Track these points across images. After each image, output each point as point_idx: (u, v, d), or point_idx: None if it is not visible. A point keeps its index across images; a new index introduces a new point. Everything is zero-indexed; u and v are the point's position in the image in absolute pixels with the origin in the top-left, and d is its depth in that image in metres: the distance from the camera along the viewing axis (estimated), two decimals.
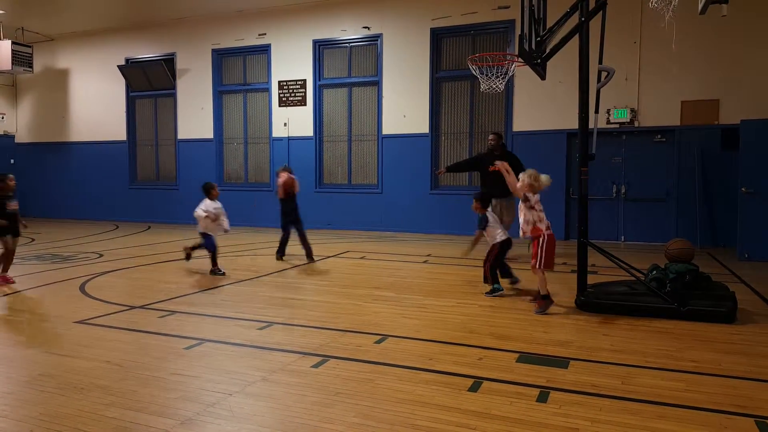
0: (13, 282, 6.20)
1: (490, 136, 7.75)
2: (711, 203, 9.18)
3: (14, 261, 7.73)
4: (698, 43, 9.02)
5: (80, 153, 14.40)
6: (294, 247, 7.73)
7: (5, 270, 6.25)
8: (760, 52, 8.80)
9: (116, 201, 13.87)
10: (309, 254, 7.63)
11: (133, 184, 13.87)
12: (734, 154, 8.33)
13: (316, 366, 3.58)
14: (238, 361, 3.68)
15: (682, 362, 3.66)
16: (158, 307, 5.14)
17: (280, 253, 7.79)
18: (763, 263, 7.48)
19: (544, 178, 5.09)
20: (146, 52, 13.41)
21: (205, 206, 6.93)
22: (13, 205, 6.22)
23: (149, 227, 12.32)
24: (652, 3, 5.71)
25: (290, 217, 7.65)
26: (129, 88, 13.61)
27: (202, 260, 7.75)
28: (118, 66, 13.42)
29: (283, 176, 7.67)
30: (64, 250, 8.84)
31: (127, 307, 5.14)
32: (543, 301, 4.92)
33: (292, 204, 7.63)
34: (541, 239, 4.89)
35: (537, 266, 4.89)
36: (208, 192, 7.05)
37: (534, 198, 5.01)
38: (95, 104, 14.13)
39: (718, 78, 9.04)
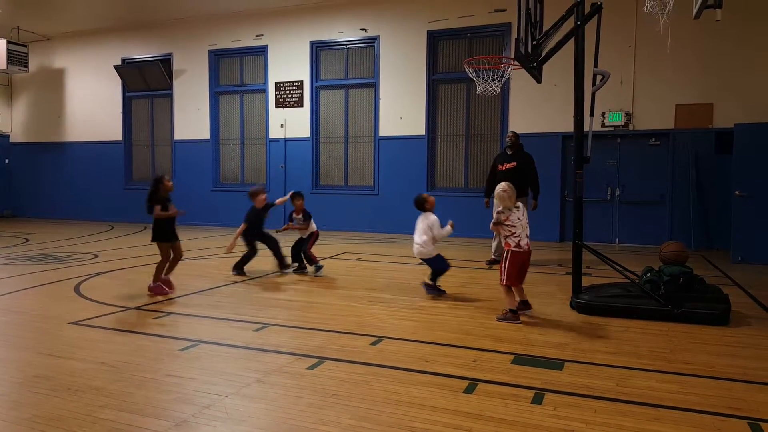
0: (173, 291, 5.71)
1: (509, 133, 7.71)
2: (705, 206, 9.24)
3: (7, 262, 7.73)
4: (693, 47, 9.08)
5: (76, 153, 14.35)
6: (289, 248, 7.70)
7: (158, 278, 5.68)
8: (754, 57, 8.86)
9: (112, 201, 13.83)
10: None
11: (129, 185, 13.83)
12: (728, 158, 8.39)
13: (311, 368, 3.58)
14: (234, 363, 3.68)
15: (676, 364, 3.68)
16: (153, 309, 5.13)
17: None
18: (756, 266, 7.53)
19: (498, 191, 4.86)
20: (143, 52, 13.38)
21: (432, 225, 5.56)
22: (172, 206, 5.78)
23: (145, 228, 12.28)
24: (647, 7, 5.76)
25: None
26: (125, 88, 13.59)
27: (202, 261, 7.73)
28: (114, 66, 13.40)
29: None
30: (59, 251, 8.80)
31: (122, 308, 5.13)
32: (508, 313, 4.75)
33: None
34: (504, 254, 4.81)
35: (501, 281, 4.79)
36: (422, 205, 5.68)
37: (505, 216, 4.78)
38: (91, 104, 14.10)
39: (712, 82, 9.10)
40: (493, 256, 7.64)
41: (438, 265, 5.68)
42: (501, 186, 4.85)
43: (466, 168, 10.90)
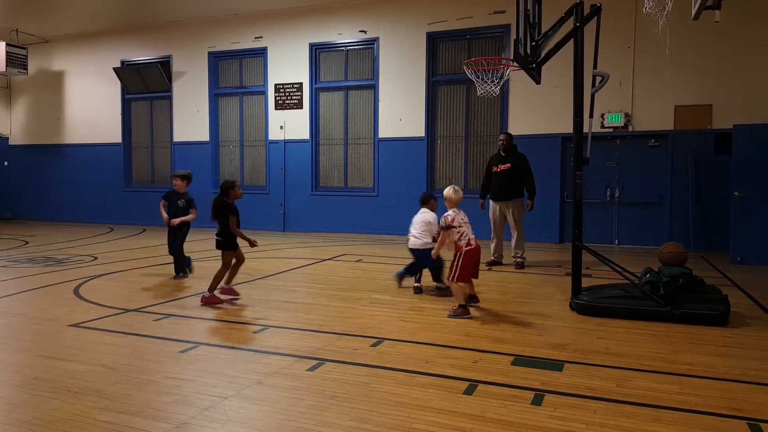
0: (239, 296, 5.59)
1: (501, 136, 7.74)
2: (704, 207, 9.24)
3: (7, 264, 7.72)
4: (691, 48, 9.10)
5: (75, 155, 14.35)
6: (290, 250, 7.71)
7: (214, 287, 5.46)
8: (752, 58, 8.88)
9: (111, 204, 13.82)
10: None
11: (128, 187, 13.83)
12: (727, 159, 8.39)
13: (311, 369, 3.58)
14: (234, 365, 3.68)
15: (675, 365, 3.68)
16: (153, 311, 5.12)
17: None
18: (755, 267, 7.53)
19: (448, 192, 5.14)
20: (142, 54, 13.39)
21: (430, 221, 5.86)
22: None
23: (144, 230, 12.29)
24: (646, 8, 5.77)
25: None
26: (124, 90, 13.59)
27: (202, 263, 7.73)
28: (113, 68, 13.40)
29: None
30: (59, 253, 8.80)
31: (122, 310, 5.12)
32: (459, 309, 4.89)
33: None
34: (458, 254, 4.94)
35: (451, 279, 4.93)
36: (427, 202, 5.98)
37: (451, 218, 4.97)
38: (90, 106, 14.10)
39: (711, 83, 9.12)
40: (492, 257, 7.64)
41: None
42: (447, 190, 5.16)
43: (466, 169, 10.91)
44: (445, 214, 5.05)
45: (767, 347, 4.08)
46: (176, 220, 6.66)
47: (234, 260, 5.54)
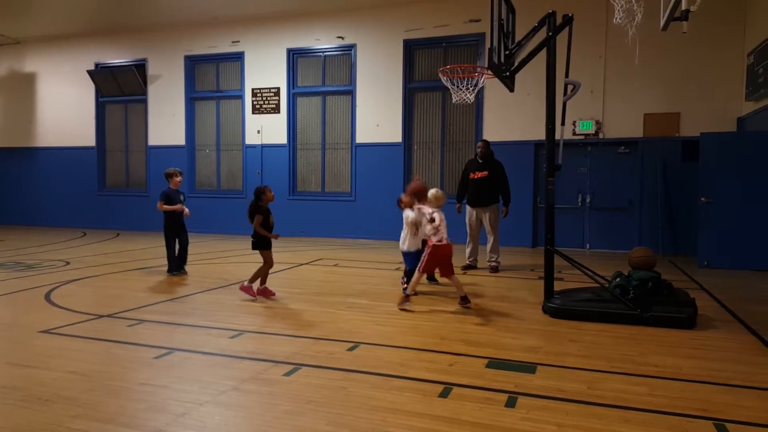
0: (274, 294, 5.88)
1: (479, 144, 7.83)
2: (672, 212, 9.51)
3: None
4: (660, 58, 9.38)
5: (47, 159, 14.03)
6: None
7: (264, 282, 5.92)
8: (719, 68, 9.19)
9: (84, 208, 13.54)
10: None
11: (102, 191, 13.58)
12: (694, 166, 8.65)
13: (288, 374, 3.58)
14: (209, 371, 3.65)
15: (645, 367, 3.78)
16: (127, 316, 5.05)
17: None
18: (721, 270, 7.76)
19: (430, 194, 5.74)
20: (117, 57, 13.19)
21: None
22: (271, 218, 5.96)
23: (118, 234, 12.07)
24: (616, 19, 5.93)
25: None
26: (99, 93, 13.36)
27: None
28: (87, 71, 13.16)
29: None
30: (29, 258, 8.59)
31: (95, 316, 5.04)
32: (405, 297, 5.44)
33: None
34: (427, 249, 5.46)
35: (417, 268, 5.48)
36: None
37: (429, 216, 5.44)
38: (63, 109, 13.81)
39: (679, 92, 9.41)
40: (468, 261, 7.72)
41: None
42: (433, 192, 5.76)
43: (442, 175, 11.01)
44: (429, 211, 5.47)
45: (732, 349, 4.22)
46: (186, 211, 7.33)
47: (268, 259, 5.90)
